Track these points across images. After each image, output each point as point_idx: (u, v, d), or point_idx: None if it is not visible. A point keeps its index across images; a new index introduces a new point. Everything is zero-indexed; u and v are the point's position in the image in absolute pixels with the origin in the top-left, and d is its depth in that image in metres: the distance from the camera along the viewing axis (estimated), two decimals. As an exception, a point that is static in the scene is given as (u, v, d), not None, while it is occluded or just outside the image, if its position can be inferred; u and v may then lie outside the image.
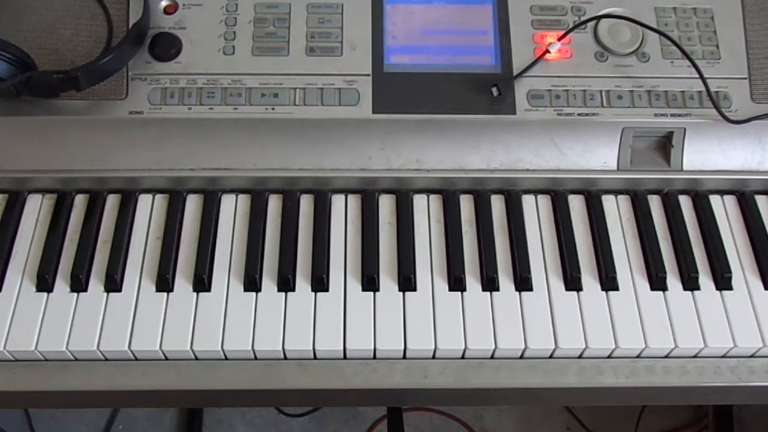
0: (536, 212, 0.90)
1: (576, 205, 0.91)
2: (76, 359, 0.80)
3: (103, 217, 0.88)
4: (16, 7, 0.90)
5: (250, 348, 0.80)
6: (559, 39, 0.91)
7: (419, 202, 0.91)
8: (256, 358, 0.81)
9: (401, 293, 0.83)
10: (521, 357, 0.82)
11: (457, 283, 0.84)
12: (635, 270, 0.86)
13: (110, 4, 0.91)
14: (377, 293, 0.83)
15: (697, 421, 1.65)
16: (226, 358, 0.81)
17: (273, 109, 0.88)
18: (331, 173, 0.89)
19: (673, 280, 0.86)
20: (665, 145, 0.92)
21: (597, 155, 0.91)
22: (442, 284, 0.84)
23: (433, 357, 0.81)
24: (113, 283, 0.83)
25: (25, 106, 0.87)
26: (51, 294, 0.83)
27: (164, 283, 0.83)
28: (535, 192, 0.92)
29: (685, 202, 0.92)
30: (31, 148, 0.88)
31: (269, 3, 0.92)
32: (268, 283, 0.84)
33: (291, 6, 0.92)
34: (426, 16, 0.93)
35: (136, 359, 0.80)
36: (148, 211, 0.89)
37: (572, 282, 0.84)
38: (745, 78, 0.92)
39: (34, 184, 0.90)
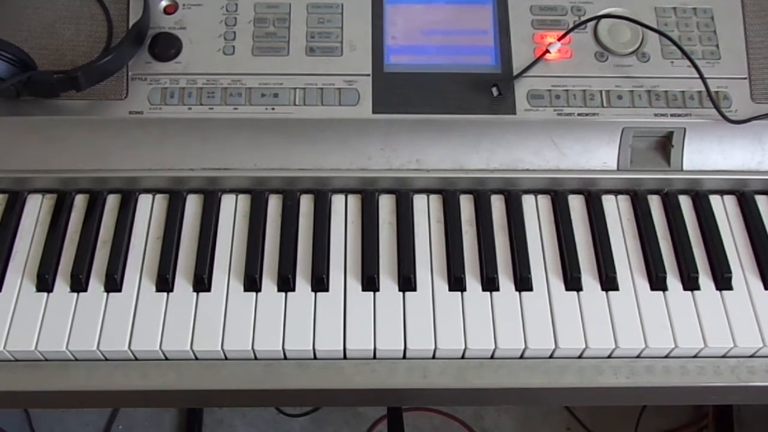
0: (536, 212, 0.90)
1: (576, 205, 0.91)
2: (76, 359, 0.80)
3: (103, 217, 0.88)
4: (16, 7, 0.90)
5: (250, 348, 0.80)
6: (559, 39, 0.91)
7: (419, 202, 0.91)
8: (256, 358, 0.81)
9: (401, 293, 0.83)
10: (521, 357, 0.81)
11: (457, 283, 0.84)
12: (635, 270, 0.86)
13: (110, 4, 0.91)
14: (377, 293, 0.83)
15: (697, 421, 1.65)
16: (226, 358, 0.81)
17: (273, 109, 0.88)
18: (331, 173, 0.89)
19: (673, 280, 0.86)
20: (665, 145, 0.92)
21: (597, 155, 0.91)
22: (442, 284, 0.84)
23: (433, 357, 0.81)
24: (113, 283, 0.83)
25: (25, 106, 0.87)
26: (51, 294, 0.83)
27: (164, 283, 0.83)
28: (535, 192, 0.92)
29: (685, 202, 0.92)
30: (31, 148, 0.88)
31: (269, 3, 0.92)
32: (268, 283, 0.84)
33: (291, 6, 0.92)
34: (426, 16, 0.93)
35: (136, 359, 0.80)
36: (148, 211, 0.89)
37: (572, 282, 0.84)
38: (745, 78, 0.92)
39: (34, 184, 0.90)
